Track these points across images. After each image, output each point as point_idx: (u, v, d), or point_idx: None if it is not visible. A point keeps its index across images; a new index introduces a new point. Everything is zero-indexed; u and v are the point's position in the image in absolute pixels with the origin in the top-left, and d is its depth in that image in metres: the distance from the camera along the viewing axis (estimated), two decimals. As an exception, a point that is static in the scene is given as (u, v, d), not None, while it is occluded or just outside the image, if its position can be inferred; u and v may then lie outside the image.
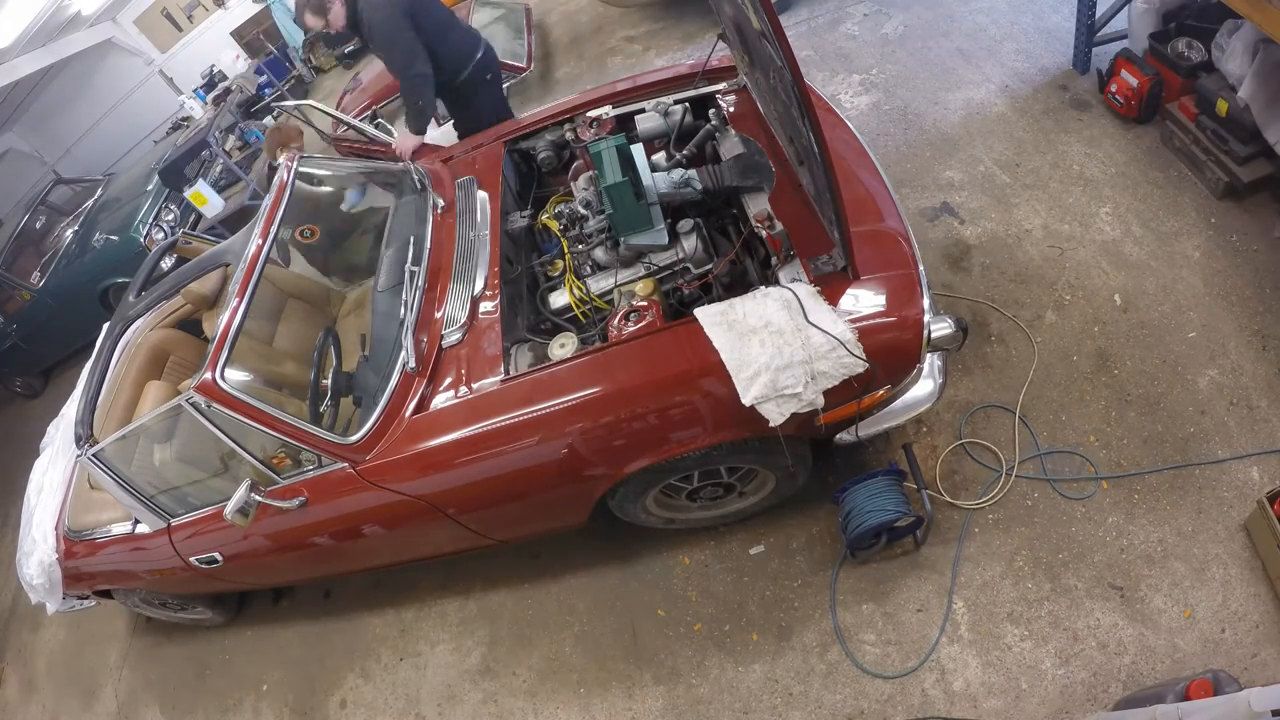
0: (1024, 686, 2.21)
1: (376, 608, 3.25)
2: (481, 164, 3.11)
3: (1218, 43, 2.89)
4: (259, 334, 2.99)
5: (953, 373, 2.81)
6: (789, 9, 5.10)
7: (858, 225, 2.08)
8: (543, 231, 2.93)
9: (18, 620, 4.33)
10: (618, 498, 2.43)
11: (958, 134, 3.70)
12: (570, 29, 6.57)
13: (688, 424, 2.15)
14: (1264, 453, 2.39)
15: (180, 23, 9.21)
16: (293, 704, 3.16)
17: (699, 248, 2.49)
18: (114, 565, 2.98)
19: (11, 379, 6.35)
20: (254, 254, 2.50)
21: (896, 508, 2.34)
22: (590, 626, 2.83)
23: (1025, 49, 3.96)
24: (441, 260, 2.66)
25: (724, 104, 2.87)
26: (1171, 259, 2.91)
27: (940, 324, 2.12)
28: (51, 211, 6.61)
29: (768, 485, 2.56)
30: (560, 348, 2.32)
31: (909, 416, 2.25)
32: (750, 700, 2.47)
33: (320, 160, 3.09)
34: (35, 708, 3.83)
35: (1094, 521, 2.42)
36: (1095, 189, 3.23)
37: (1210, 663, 2.07)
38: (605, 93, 3.17)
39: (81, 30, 8.02)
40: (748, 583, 2.69)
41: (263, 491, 2.34)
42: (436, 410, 2.30)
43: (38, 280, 5.87)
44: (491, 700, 2.81)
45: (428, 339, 2.44)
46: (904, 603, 2.45)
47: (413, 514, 2.41)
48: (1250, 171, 2.86)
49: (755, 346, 1.97)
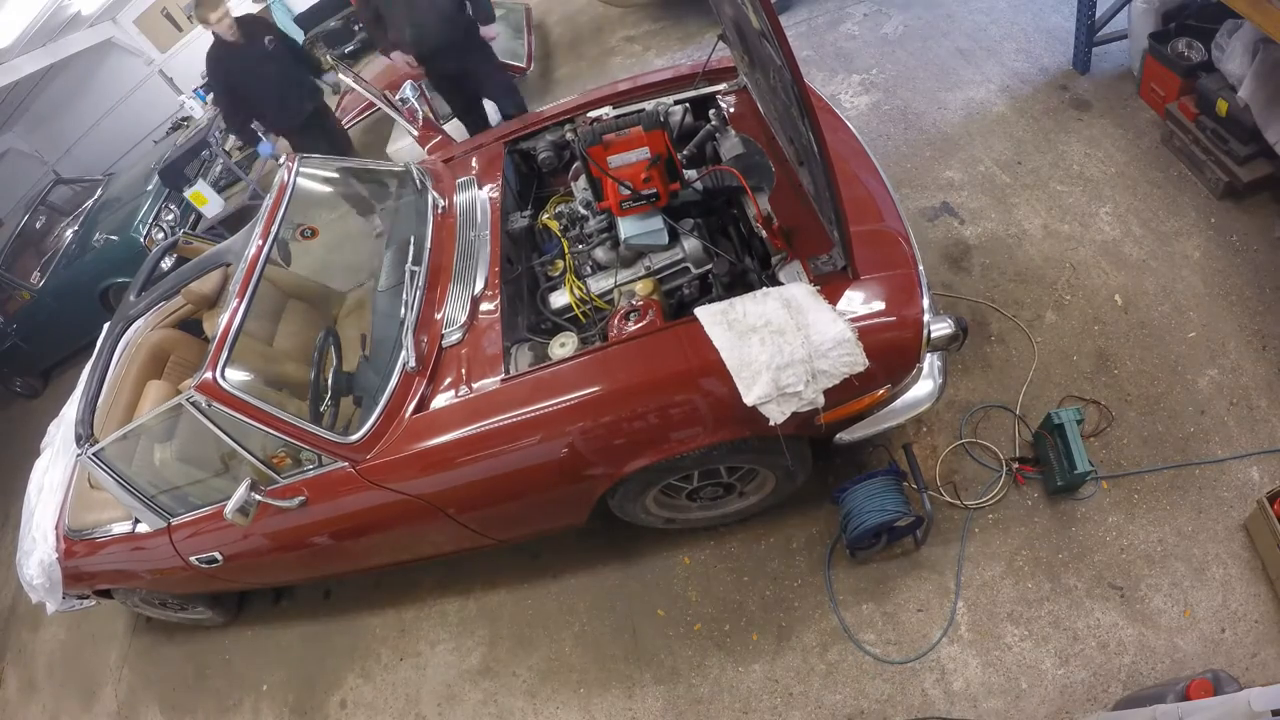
0: (1024, 686, 2.21)
1: (376, 608, 3.25)
2: (482, 164, 3.12)
3: (1218, 43, 2.89)
4: (259, 334, 2.99)
5: (953, 373, 2.81)
6: (789, 9, 5.10)
7: (858, 225, 2.08)
8: (543, 231, 2.93)
9: (18, 620, 4.33)
10: (617, 497, 2.43)
11: (958, 134, 3.70)
12: (570, 29, 6.57)
13: (688, 423, 2.15)
14: (1264, 452, 2.39)
15: (180, 23, 9.19)
16: (293, 704, 3.16)
17: (699, 248, 2.49)
18: (114, 565, 2.98)
19: (11, 379, 6.34)
20: (254, 254, 2.50)
21: (896, 508, 2.34)
22: (590, 626, 2.83)
23: (1025, 49, 3.96)
24: (442, 260, 2.66)
25: (724, 104, 2.87)
26: (1171, 259, 2.91)
27: (940, 324, 2.12)
28: (51, 211, 6.60)
29: (768, 485, 2.56)
30: (560, 347, 2.32)
31: (909, 416, 2.25)
32: (750, 700, 2.47)
33: (321, 161, 3.10)
34: (35, 708, 3.83)
35: (1094, 521, 2.42)
36: (1095, 189, 3.23)
37: (1210, 663, 2.07)
38: (605, 93, 3.18)
39: (81, 30, 8.01)
40: (748, 583, 2.69)
41: (263, 491, 2.34)
42: (437, 410, 2.30)
43: (38, 280, 5.86)
44: (491, 700, 2.81)
45: (428, 339, 2.44)
46: (904, 602, 2.46)
47: (413, 513, 2.41)
48: (1250, 171, 2.86)
49: (755, 345, 1.97)
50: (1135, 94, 3.47)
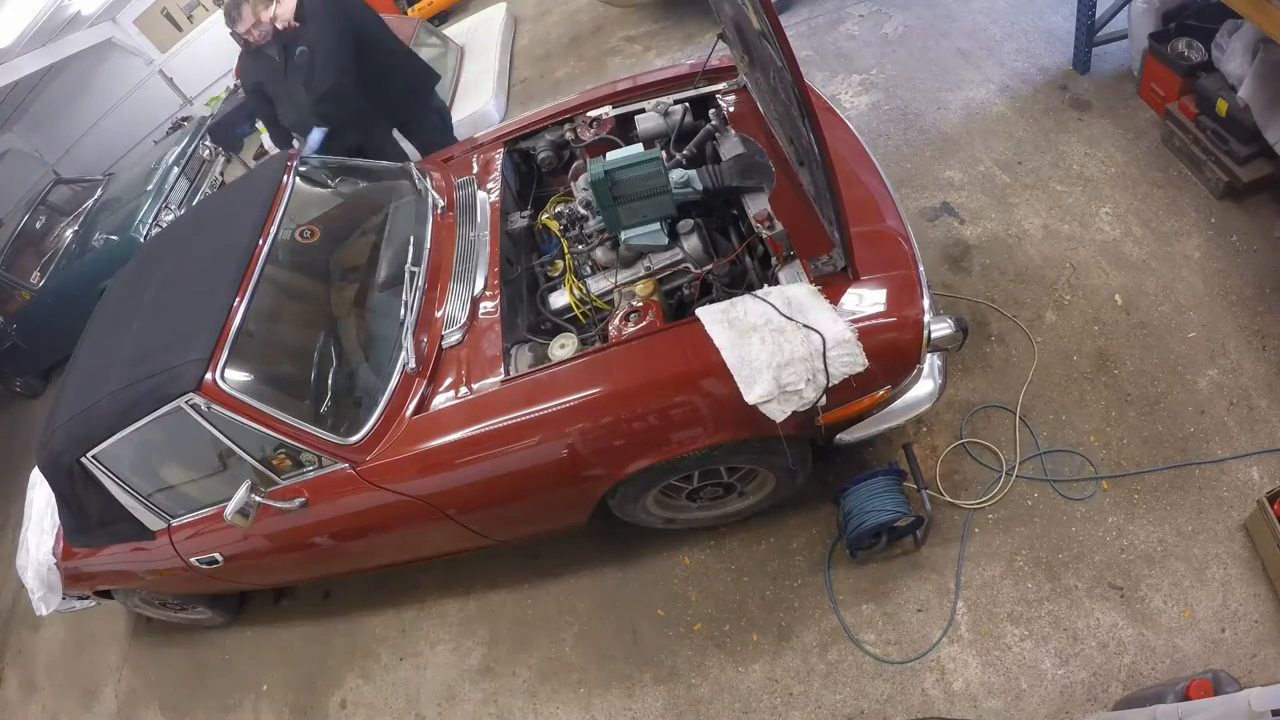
0: (1024, 686, 2.21)
1: (376, 608, 3.25)
2: (481, 164, 3.11)
3: (1218, 43, 2.89)
4: (259, 334, 2.98)
5: (953, 373, 2.81)
6: (789, 9, 5.10)
7: (858, 225, 2.08)
8: (543, 232, 2.93)
9: (18, 620, 4.33)
10: (618, 498, 2.43)
11: (958, 134, 3.70)
12: (570, 29, 6.57)
13: (688, 424, 2.15)
14: (1264, 452, 2.39)
15: (180, 23, 9.20)
16: (293, 704, 3.16)
17: (699, 248, 2.49)
18: (114, 566, 2.97)
19: (11, 379, 6.34)
20: (254, 254, 2.50)
21: (896, 508, 2.34)
22: (590, 626, 2.83)
23: (1025, 49, 3.96)
24: (441, 260, 2.66)
25: (724, 104, 2.86)
26: (1171, 259, 2.91)
27: (940, 324, 2.12)
28: (51, 211, 6.60)
29: (768, 485, 2.56)
30: (560, 348, 2.32)
31: (909, 416, 2.25)
32: (750, 700, 2.47)
33: (320, 160, 3.10)
34: (35, 708, 3.83)
35: (1094, 521, 2.42)
36: (1095, 189, 3.23)
37: (1210, 663, 2.07)
38: (605, 93, 3.17)
39: (81, 30, 8.01)
40: (748, 583, 2.69)
41: (263, 492, 2.34)
42: (437, 411, 2.30)
43: (38, 280, 5.86)
44: (491, 700, 2.81)
45: (428, 339, 2.44)
46: (904, 603, 2.46)
47: (413, 514, 2.41)
48: (1250, 171, 2.86)
49: (756, 344, 1.97)
50: (1135, 94, 3.47)
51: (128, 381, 2.36)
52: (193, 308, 2.46)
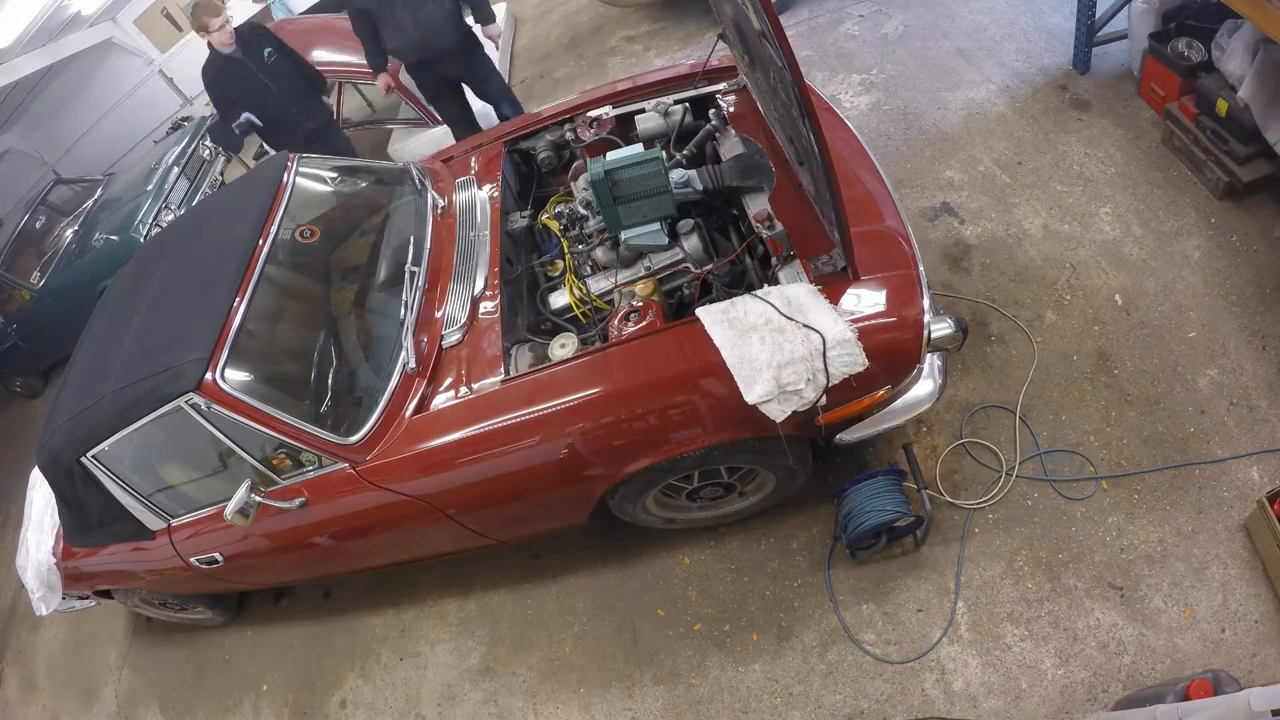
0: (1024, 686, 2.21)
1: (376, 608, 3.25)
2: (481, 164, 3.11)
3: (1218, 43, 2.89)
4: (259, 334, 2.99)
5: (953, 373, 2.81)
6: (789, 9, 5.10)
7: (858, 225, 2.08)
8: (543, 231, 2.93)
9: (18, 620, 4.33)
10: (618, 498, 2.43)
11: (958, 134, 3.70)
12: (570, 29, 6.56)
13: (688, 424, 2.15)
14: (1264, 452, 2.39)
15: (180, 23, 9.18)
16: (293, 704, 3.16)
17: (699, 248, 2.49)
18: (114, 565, 2.97)
19: (11, 379, 6.33)
20: (254, 254, 2.50)
21: (896, 508, 2.34)
22: (590, 626, 2.83)
23: (1025, 49, 3.96)
24: (441, 260, 2.66)
25: (724, 104, 2.87)
26: (1171, 259, 2.91)
27: (940, 324, 2.12)
28: (51, 211, 6.59)
29: (768, 485, 2.56)
30: (560, 348, 2.32)
31: (909, 416, 2.25)
32: (750, 700, 2.47)
33: (320, 160, 3.10)
34: (35, 708, 3.83)
35: (1094, 521, 2.42)
36: (1095, 189, 3.23)
37: (1210, 663, 2.07)
38: (605, 93, 3.17)
39: (81, 30, 8.01)
40: (748, 583, 2.69)
41: (263, 492, 2.34)
42: (437, 410, 2.30)
43: (38, 280, 5.85)
44: (491, 700, 2.81)
45: (428, 339, 2.44)
46: (904, 602, 2.46)
47: (413, 514, 2.41)
48: (1250, 171, 2.86)
49: (756, 343, 1.97)
50: (1135, 94, 3.47)
51: (128, 381, 2.36)
52: (193, 307, 2.46)
